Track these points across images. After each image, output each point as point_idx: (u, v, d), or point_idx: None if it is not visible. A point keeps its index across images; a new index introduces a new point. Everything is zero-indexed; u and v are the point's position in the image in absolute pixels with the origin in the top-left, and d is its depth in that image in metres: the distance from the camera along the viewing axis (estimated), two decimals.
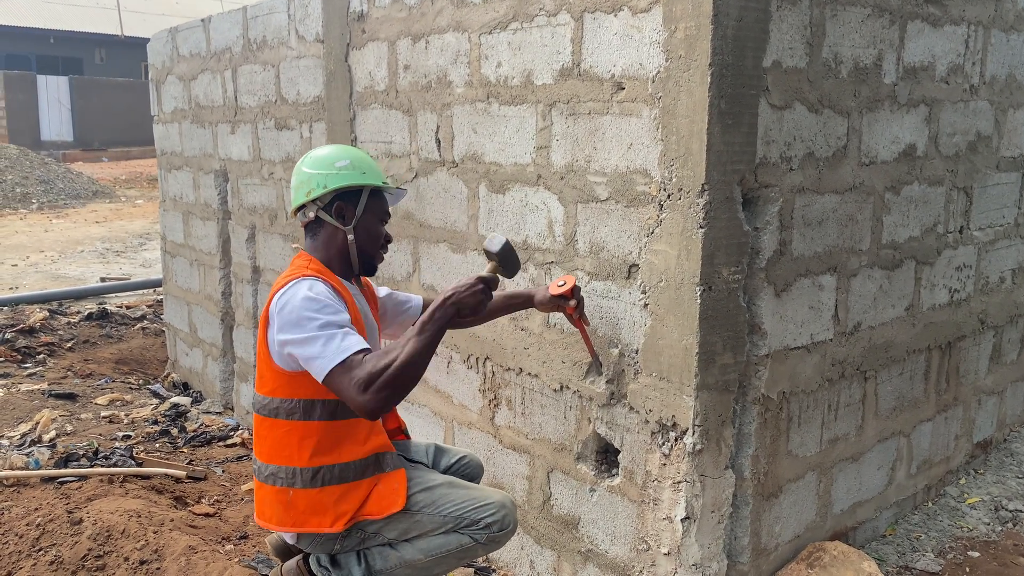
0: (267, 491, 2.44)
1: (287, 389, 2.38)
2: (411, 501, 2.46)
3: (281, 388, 2.39)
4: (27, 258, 10.55)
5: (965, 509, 3.48)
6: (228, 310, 5.33)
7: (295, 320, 2.25)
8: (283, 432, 2.40)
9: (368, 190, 2.51)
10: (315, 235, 2.52)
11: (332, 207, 2.48)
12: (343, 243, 2.50)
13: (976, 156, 3.42)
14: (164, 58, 5.81)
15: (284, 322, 2.28)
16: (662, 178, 2.48)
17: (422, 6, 3.34)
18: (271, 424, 2.42)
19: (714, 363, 2.50)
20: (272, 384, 2.40)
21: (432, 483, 2.51)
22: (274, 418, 2.41)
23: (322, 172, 2.47)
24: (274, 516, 2.45)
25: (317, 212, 2.48)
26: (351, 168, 2.48)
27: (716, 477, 2.58)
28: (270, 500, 2.44)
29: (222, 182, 5.22)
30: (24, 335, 6.61)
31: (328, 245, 2.51)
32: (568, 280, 2.64)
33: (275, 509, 2.43)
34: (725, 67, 2.34)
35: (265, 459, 2.44)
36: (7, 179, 16.20)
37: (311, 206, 2.49)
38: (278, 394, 2.39)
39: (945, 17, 3.08)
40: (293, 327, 2.25)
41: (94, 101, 25.44)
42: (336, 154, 2.51)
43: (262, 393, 2.44)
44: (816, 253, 2.76)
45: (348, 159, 2.49)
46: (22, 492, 3.41)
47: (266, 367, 2.42)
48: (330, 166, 2.47)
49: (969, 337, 3.60)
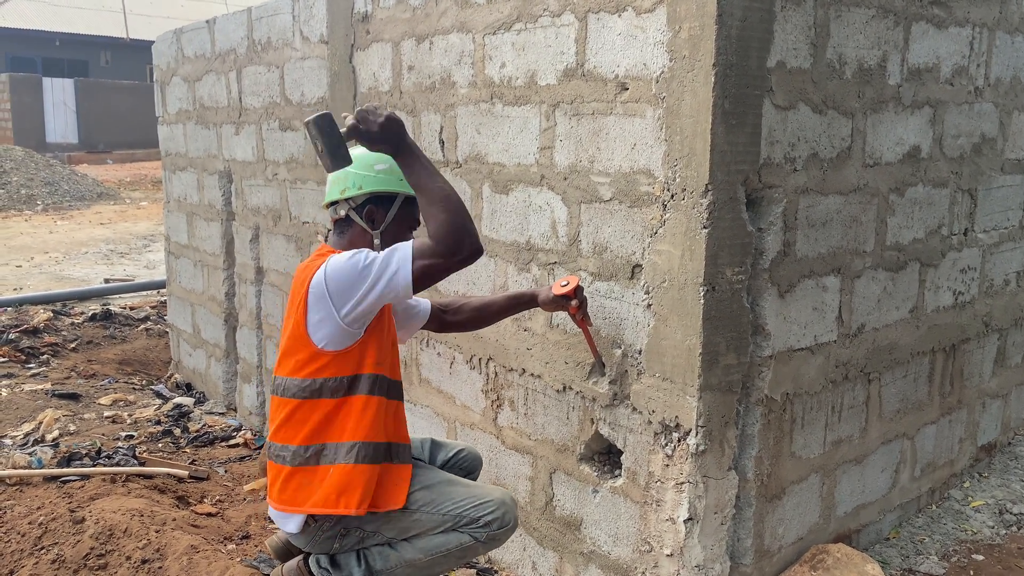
0: (306, 472, 2.40)
1: (332, 368, 2.37)
2: (411, 499, 2.45)
3: (326, 368, 2.37)
4: (32, 259, 10.58)
5: (969, 512, 3.46)
6: (231, 311, 5.33)
7: (352, 278, 2.25)
8: (328, 411, 2.38)
9: (402, 197, 2.49)
10: (342, 233, 2.51)
11: (364, 209, 2.47)
12: (369, 246, 2.48)
13: (980, 158, 3.41)
14: (169, 59, 5.82)
15: (342, 288, 2.27)
16: (666, 178, 2.48)
17: (426, 7, 3.34)
18: (312, 406, 2.39)
19: (717, 364, 2.49)
20: (311, 367, 2.37)
21: (431, 481, 2.51)
22: (316, 399, 2.38)
23: (360, 172, 2.45)
24: (315, 497, 2.38)
25: (348, 211, 2.48)
26: (389, 173, 2.46)
27: (719, 478, 2.57)
28: (309, 480, 2.39)
29: (226, 183, 5.22)
30: (28, 335, 6.62)
31: (354, 244, 2.48)
32: (571, 280, 2.64)
33: (312, 489, 2.39)
34: (729, 67, 2.34)
35: (304, 442, 2.40)
36: (12, 180, 16.25)
37: (343, 204, 2.48)
38: (322, 374, 2.38)
39: (950, 19, 3.07)
40: (355, 283, 2.25)
41: (99, 103, 25.51)
42: (376, 157, 2.47)
43: (302, 376, 2.39)
44: (820, 254, 2.76)
45: (388, 163, 2.47)
46: (24, 491, 3.41)
47: (305, 351, 2.38)
48: (369, 168, 2.46)
49: (973, 340, 3.59)
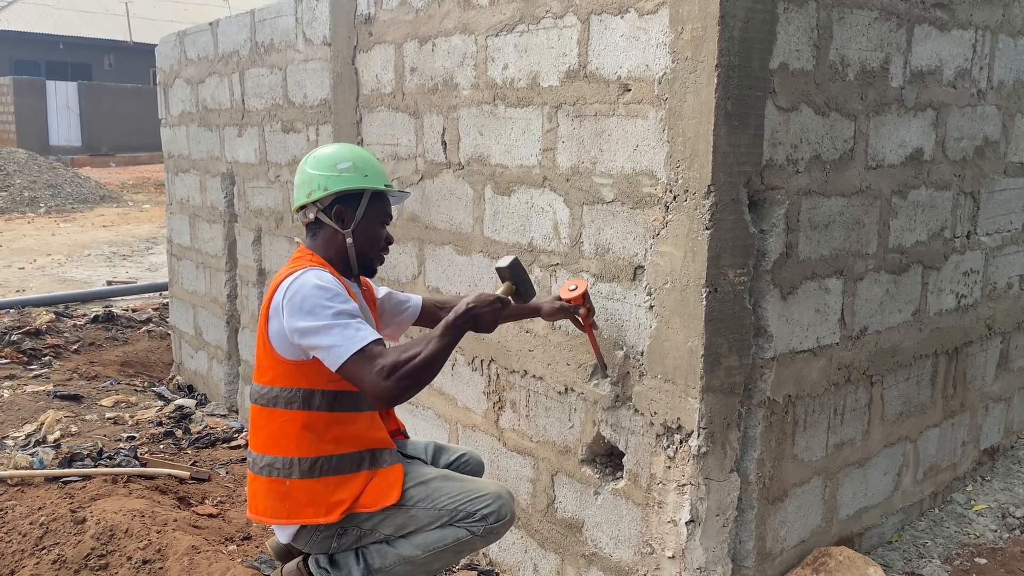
0: (262, 482, 2.44)
1: (287, 378, 2.38)
2: (406, 496, 2.46)
3: (281, 377, 2.38)
4: (34, 261, 10.59)
5: (972, 516, 3.45)
6: (233, 312, 5.34)
7: (309, 308, 2.25)
8: (282, 421, 2.39)
9: (369, 193, 2.49)
10: (315, 235, 2.52)
11: (332, 209, 2.46)
12: (342, 245, 2.49)
13: (984, 161, 3.40)
14: (172, 62, 5.83)
15: (295, 309, 2.27)
16: (668, 179, 2.48)
17: (429, 9, 3.34)
18: (269, 414, 2.42)
19: (720, 365, 2.49)
20: (272, 373, 2.40)
21: (426, 477, 2.51)
22: (273, 407, 2.40)
23: (323, 173, 2.45)
24: (268, 508, 2.43)
25: (317, 214, 2.48)
26: (353, 170, 2.46)
27: (721, 480, 2.56)
28: (264, 491, 2.43)
29: (228, 185, 5.23)
30: (30, 337, 6.63)
31: (327, 246, 2.50)
32: (580, 284, 2.62)
33: (270, 500, 2.42)
34: (732, 68, 2.34)
35: (261, 450, 2.44)
36: (15, 183, 16.28)
37: (311, 207, 2.48)
38: (278, 383, 2.39)
39: (952, 21, 3.07)
40: (307, 315, 2.25)
41: (102, 106, 25.57)
42: (339, 154, 2.49)
43: (261, 383, 2.43)
44: (822, 256, 2.75)
45: (351, 160, 2.47)
46: (26, 491, 3.41)
47: (266, 356, 2.41)
48: (332, 167, 2.46)
49: (976, 343, 3.58)
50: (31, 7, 27.92)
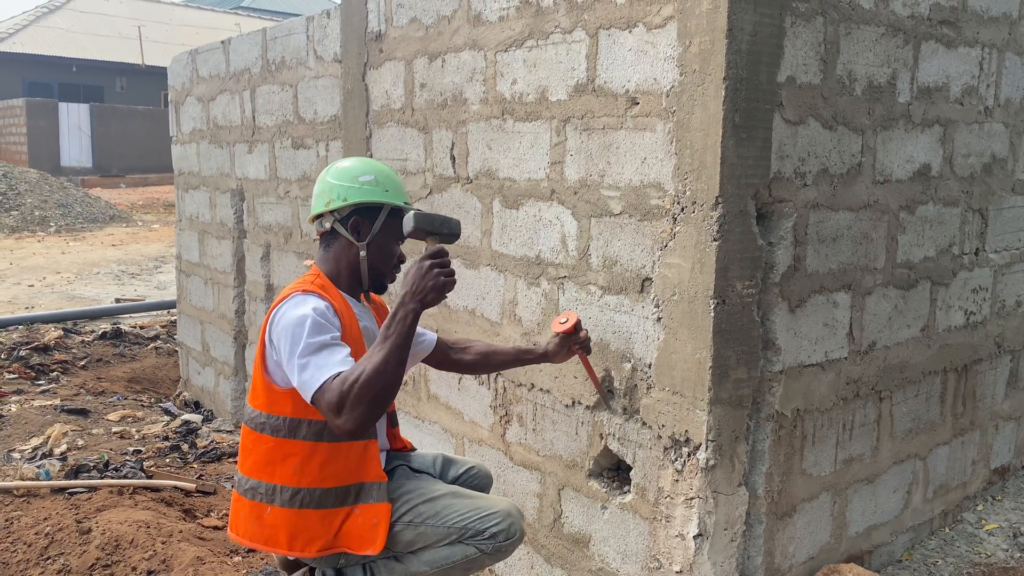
0: (244, 504, 2.42)
1: (275, 405, 2.36)
2: (414, 512, 2.44)
3: (269, 404, 2.37)
4: (44, 279, 10.64)
5: (983, 535, 3.42)
6: (241, 328, 5.35)
7: (287, 339, 2.22)
8: (268, 448, 2.37)
9: (388, 208, 2.48)
10: (328, 246, 2.51)
11: (349, 221, 2.45)
12: (355, 258, 2.48)
13: (991, 178, 3.41)
14: (184, 80, 5.90)
15: (278, 335, 2.26)
16: (676, 191, 2.49)
17: (439, 25, 3.38)
18: (256, 438, 2.40)
19: (728, 378, 2.48)
20: (263, 398, 2.39)
21: (435, 493, 2.49)
22: (260, 432, 2.39)
23: (344, 184, 2.45)
24: (247, 530, 2.41)
25: (333, 224, 2.47)
26: (374, 184, 2.46)
27: (729, 494, 2.55)
28: (245, 513, 2.42)
29: (238, 201, 5.26)
30: (38, 353, 6.65)
31: (339, 258, 2.49)
32: (570, 317, 2.62)
33: (249, 523, 2.41)
34: (739, 81, 2.35)
35: (247, 473, 2.42)
36: (26, 202, 16.41)
37: (328, 216, 2.47)
38: (266, 409, 2.37)
39: (959, 39, 3.09)
40: (284, 346, 2.23)
41: (114, 128, 25.81)
42: (361, 168, 2.49)
43: (252, 406, 2.42)
44: (830, 270, 2.75)
45: (373, 174, 2.48)
46: (31, 502, 3.40)
47: (259, 380, 2.39)
48: (353, 179, 2.46)
49: (986, 361, 3.57)
50: (45, 30, 28.29)
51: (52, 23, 28.94)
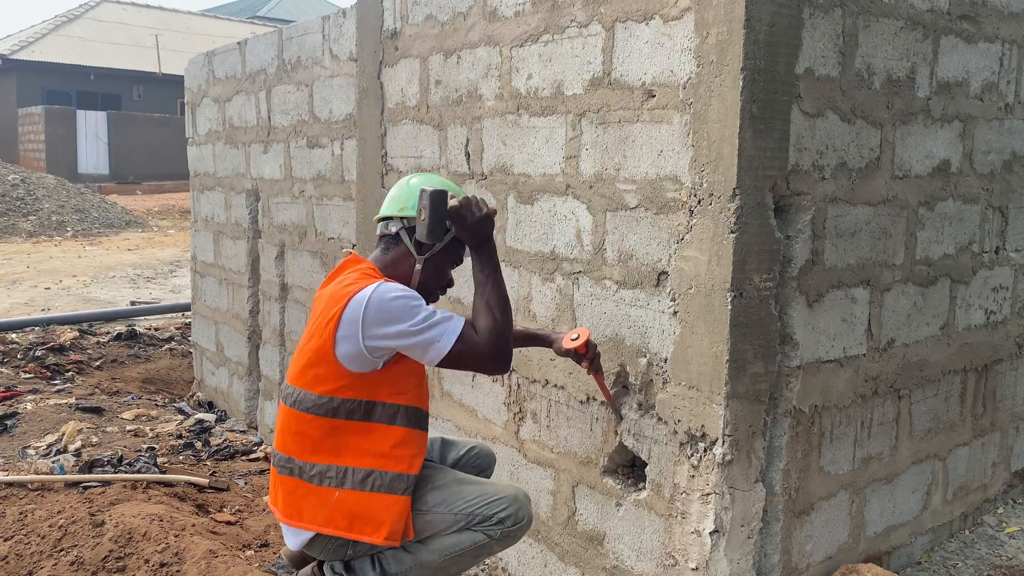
0: (308, 489, 2.40)
1: (351, 390, 2.37)
2: (421, 501, 2.44)
3: (345, 388, 2.36)
4: (60, 282, 10.72)
5: (1003, 538, 3.36)
6: (255, 328, 5.36)
7: (397, 315, 2.28)
8: (338, 431, 2.37)
9: (454, 233, 2.48)
10: (387, 250, 2.53)
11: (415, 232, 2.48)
12: (409, 270, 2.49)
13: (1012, 176, 3.37)
14: (200, 81, 5.94)
15: (380, 319, 2.28)
16: (693, 184, 2.47)
17: (454, 22, 3.38)
18: (322, 423, 2.38)
19: (745, 372, 2.46)
20: (333, 383, 2.37)
21: (441, 481, 2.48)
22: (332, 418, 2.38)
23: None
24: (317, 516, 2.40)
25: (400, 230, 2.49)
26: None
27: (746, 490, 2.52)
28: (312, 499, 2.40)
29: (253, 201, 5.28)
30: (54, 353, 6.69)
31: (396, 265, 2.50)
32: (581, 334, 2.60)
33: (317, 509, 2.39)
34: (757, 72, 2.34)
35: (308, 458, 2.41)
36: (44, 207, 16.56)
37: (397, 221, 2.50)
38: (340, 394, 2.37)
39: (979, 34, 3.06)
40: (396, 321, 2.28)
41: (130, 136, 26.05)
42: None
43: (319, 392, 2.39)
44: (849, 265, 2.72)
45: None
46: (46, 496, 3.41)
47: (327, 367, 2.37)
48: None
49: (1006, 361, 3.52)
50: (64, 39, 28.61)
51: (71, 32, 29.26)
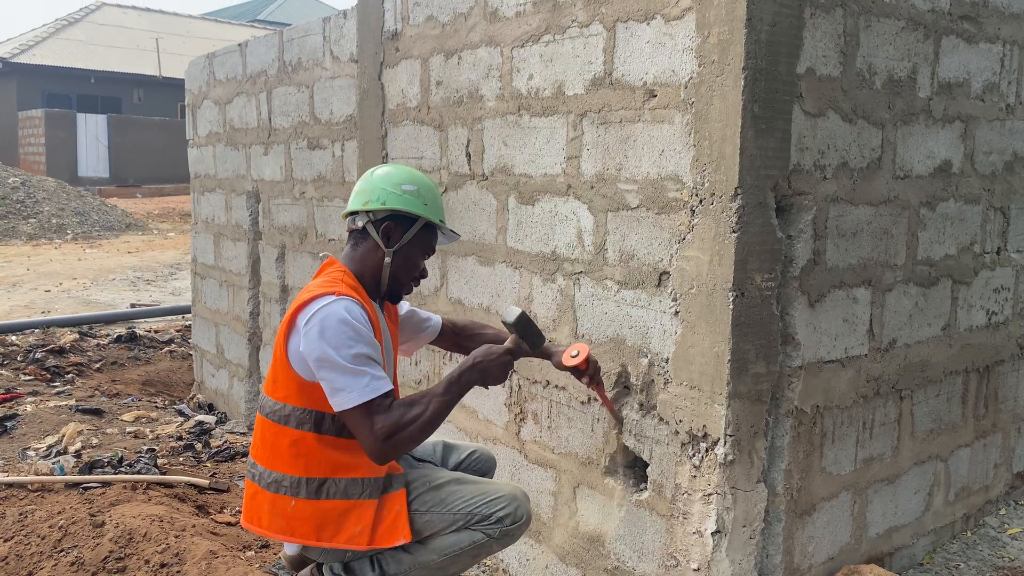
0: (266, 496, 2.42)
1: (300, 398, 2.36)
2: (419, 501, 2.43)
3: (295, 396, 2.37)
4: (60, 284, 10.72)
5: (1006, 539, 3.36)
6: (255, 330, 5.35)
7: (330, 342, 2.22)
8: (291, 440, 2.37)
9: (422, 222, 2.48)
10: (356, 245, 2.52)
11: (382, 225, 2.46)
12: (379, 263, 2.48)
13: (1013, 177, 3.37)
14: (201, 83, 5.94)
15: (318, 337, 2.24)
16: (694, 183, 2.47)
17: (455, 23, 3.39)
18: (278, 430, 2.39)
19: (746, 371, 2.45)
20: (286, 390, 2.38)
21: (439, 481, 2.48)
22: (284, 425, 2.38)
23: (386, 188, 2.46)
24: (273, 524, 2.41)
25: (366, 224, 2.47)
26: (415, 195, 2.47)
27: (748, 490, 2.51)
28: (268, 507, 2.41)
29: (253, 203, 5.28)
30: (54, 355, 6.68)
31: (364, 259, 2.49)
32: (581, 351, 2.58)
33: (273, 516, 2.40)
34: (758, 72, 2.34)
35: (267, 465, 2.42)
36: (44, 210, 16.56)
37: (363, 215, 2.48)
38: (291, 401, 2.37)
39: (980, 34, 3.06)
40: (327, 348, 2.22)
41: (130, 139, 26.05)
42: (406, 177, 2.50)
43: (274, 398, 2.41)
44: (850, 265, 2.72)
45: (416, 186, 2.48)
46: (46, 497, 3.41)
47: (282, 371, 2.39)
48: (396, 185, 2.47)
49: (1008, 362, 3.51)
50: (64, 43, 28.62)
51: (71, 35, 29.28)
